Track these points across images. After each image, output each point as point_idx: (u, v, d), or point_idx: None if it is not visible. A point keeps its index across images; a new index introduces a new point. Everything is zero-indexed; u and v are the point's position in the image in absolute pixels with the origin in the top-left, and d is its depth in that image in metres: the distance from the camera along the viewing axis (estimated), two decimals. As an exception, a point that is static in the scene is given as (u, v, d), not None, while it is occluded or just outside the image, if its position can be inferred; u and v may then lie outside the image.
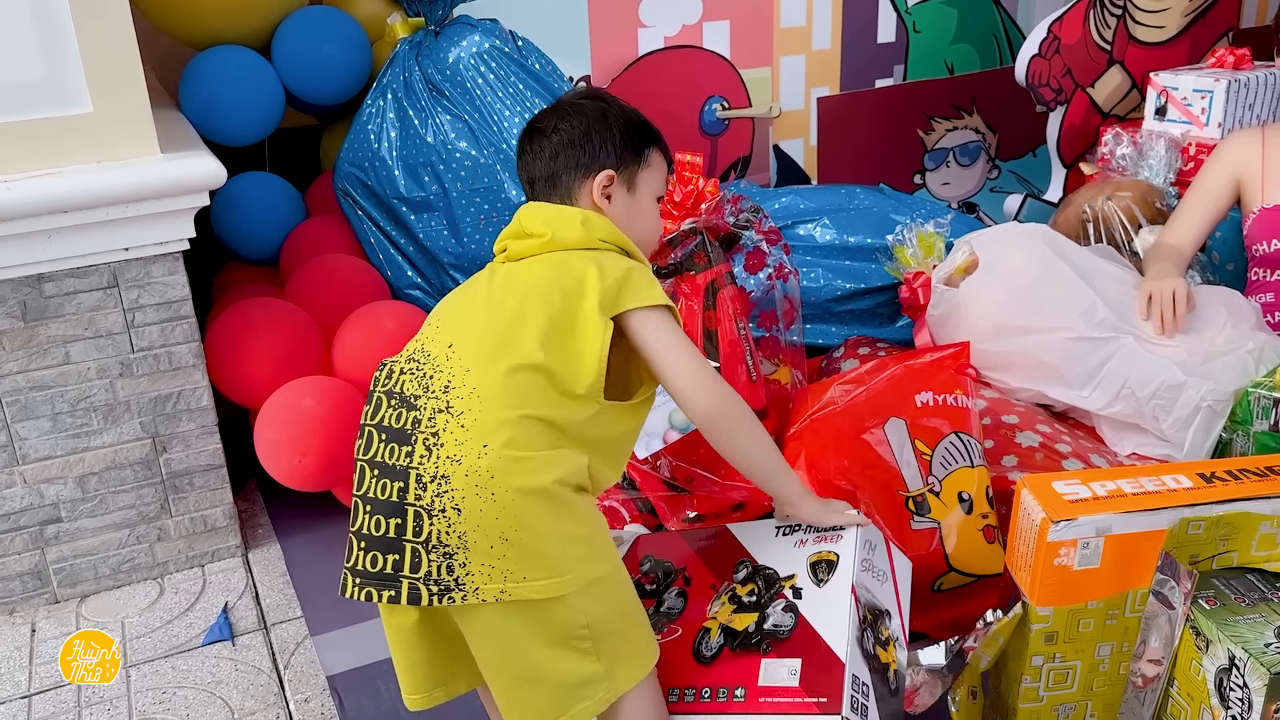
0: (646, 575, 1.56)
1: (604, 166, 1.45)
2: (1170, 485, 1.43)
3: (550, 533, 1.28)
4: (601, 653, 1.31)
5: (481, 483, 1.25)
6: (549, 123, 1.48)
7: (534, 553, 1.26)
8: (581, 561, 1.29)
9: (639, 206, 1.49)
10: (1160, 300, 2.12)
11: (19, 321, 1.96)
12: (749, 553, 1.54)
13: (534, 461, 1.27)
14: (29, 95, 1.88)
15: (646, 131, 1.50)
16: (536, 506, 1.27)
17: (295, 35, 2.50)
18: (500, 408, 1.28)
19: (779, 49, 3.11)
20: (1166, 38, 3.08)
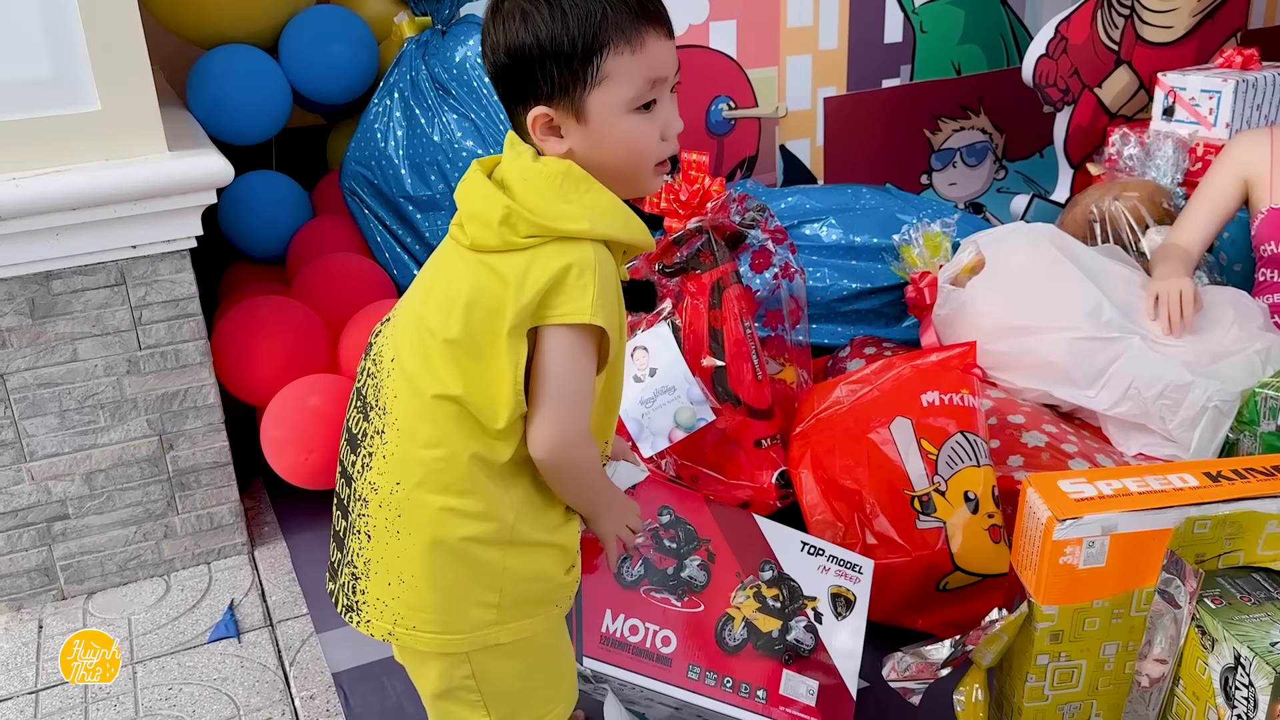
0: (666, 529, 1.49)
1: (536, 100, 1.16)
2: (1176, 484, 1.42)
3: (449, 590, 1.20)
4: (493, 710, 1.27)
5: (390, 519, 1.20)
6: (483, 33, 1.20)
7: (427, 605, 1.20)
8: (480, 626, 1.22)
9: (601, 133, 1.16)
10: (1167, 300, 2.12)
11: (27, 319, 1.96)
12: (774, 554, 1.54)
13: (444, 511, 1.18)
14: (37, 93, 1.88)
15: (589, 34, 1.12)
16: (440, 561, 1.19)
17: (302, 34, 2.51)
18: (416, 444, 1.18)
19: (785, 49, 3.11)
20: (1174, 38, 3.08)
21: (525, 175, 1.16)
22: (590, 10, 1.11)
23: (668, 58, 1.16)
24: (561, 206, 1.14)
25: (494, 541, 1.20)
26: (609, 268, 1.16)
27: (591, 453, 1.24)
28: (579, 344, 1.15)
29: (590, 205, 1.15)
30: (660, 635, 1.43)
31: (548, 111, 1.16)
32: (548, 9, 1.12)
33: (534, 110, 1.16)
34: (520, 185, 1.16)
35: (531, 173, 1.16)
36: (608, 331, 1.15)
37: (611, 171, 1.18)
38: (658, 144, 1.18)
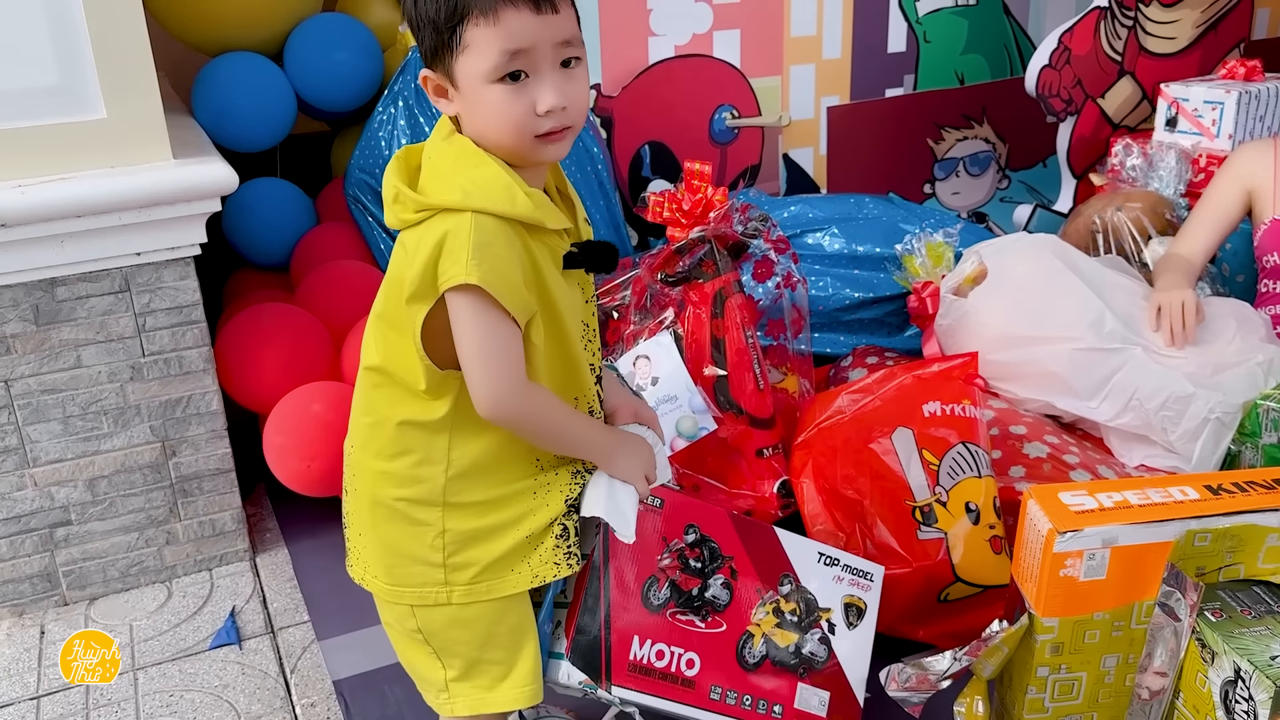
0: (692, 548, 1.49)
1: (426, 64, 1.22)
2: (1177, 497, 1.42)
3: (390, 545, 1.31)
4: (446, 664, 1.35)
5: (350, 478, 1.35)
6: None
7: (376, 557, 1.32)
8: (427, 584, 1.30)
9: (470, 100, 1.18)
10: (1169, 312, 2.12)
11: (31, 325, 1.97)
12: (793, 567, 1.56)
13: (378, 474, 1.29)
14: (44, 101, 1.89)
15: (450, 4, 1.15)
16: (380, 518, 1.31)
17: (308, 42, 2.52)
18: (357, 411, 1.32)
19: (789, 58, 3.11)
20: (1177, 49, 3.08)
21: (431, 154, 1.24)
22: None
23: (531, 31, 1.15)
24: (447, 181, 1.19)
25: (427, 502, 1.27)
26: (491, 233, 1.17)
27: (537, 404, 1.25)
28: (473, 305, 1.17)
29: (470, 180, 1.18)
30: (685, 659, 1.45)
31: (430, 75, 1.21)
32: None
33: (422, 71, 1.22)
34: (426, 164, 1.24)
35: (436, 152, 1.23)
36: (487, 289, 1.16)
37: (492, 140, 1.21)
38: (530, 117, 1.18)
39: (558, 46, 1.17)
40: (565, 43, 1.18)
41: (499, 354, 1.20)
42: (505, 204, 1.17)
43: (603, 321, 2.20)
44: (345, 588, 2.11)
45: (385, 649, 1.92)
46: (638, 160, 2.98)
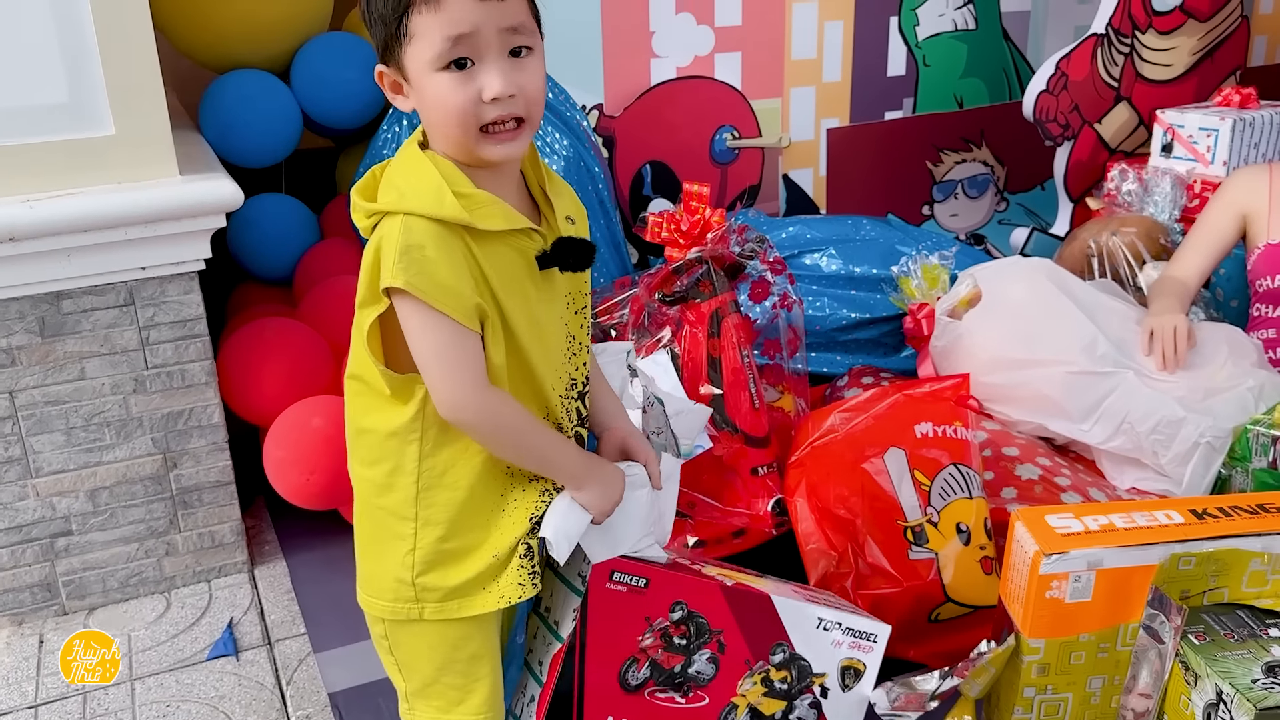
0: (676, 625, 1.46)
1: (380, 60, 1.21)
2: (1162, 521, 1.45)
3: (370, 553, 1.33)
4: (406, 677, 1.38)
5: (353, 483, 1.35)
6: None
7: (360, 562, 1.35)
8: (399, 599, 1.30)
9: (420, 92, 1.18)
10: (1161, 336, 2.14)
11: (36, 337, 2.00)
12: (788, 635, 1.51)
13: (362, 480, 1.31)
14: (54, 117, 1.93)
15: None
16: (364, 524, 1.34)
17: (315, 60, 2.56)
18: (346, 419, 1.33)
19: (790, 80, 3.15)
20: (1174, 76, 3.11)
21: (394, 160, 1.24)
22: None
23: (473, 16, 1.14)
24: (389, 185, 1.20)
25: (401, 514, 1.27)
26: (420, 234, 1.15)
27: (496, 408, 1.22)
28: (414, 307, 1.17)
29: (405, 182, 1.19)
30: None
31: (385, 70, 1.21)
32: None
33: (377, 67, 1.22)
34: (383, 173, 1.24)
35: (394, 159, 1.24)
36: (411, 292, 1.15)
37: (442, 134, 1.20)
38: (476, 105, 1.16)
39: (504, 33, 1.15)
40: (512, 29, 1.16)
41: (450, 354, 1.18)
42: (433, 206, 1.15)
43: (600, 339, 2.22)
44: (342, 601, 2.14)
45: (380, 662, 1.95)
46: (639, 179, 3.01)
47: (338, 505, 2.26)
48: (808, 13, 3.10)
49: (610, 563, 1.37)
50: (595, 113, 2.91)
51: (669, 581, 1.42)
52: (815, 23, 3.12)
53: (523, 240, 1.23)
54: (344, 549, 2.30)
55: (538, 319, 1.26)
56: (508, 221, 1.20)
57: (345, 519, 2.34)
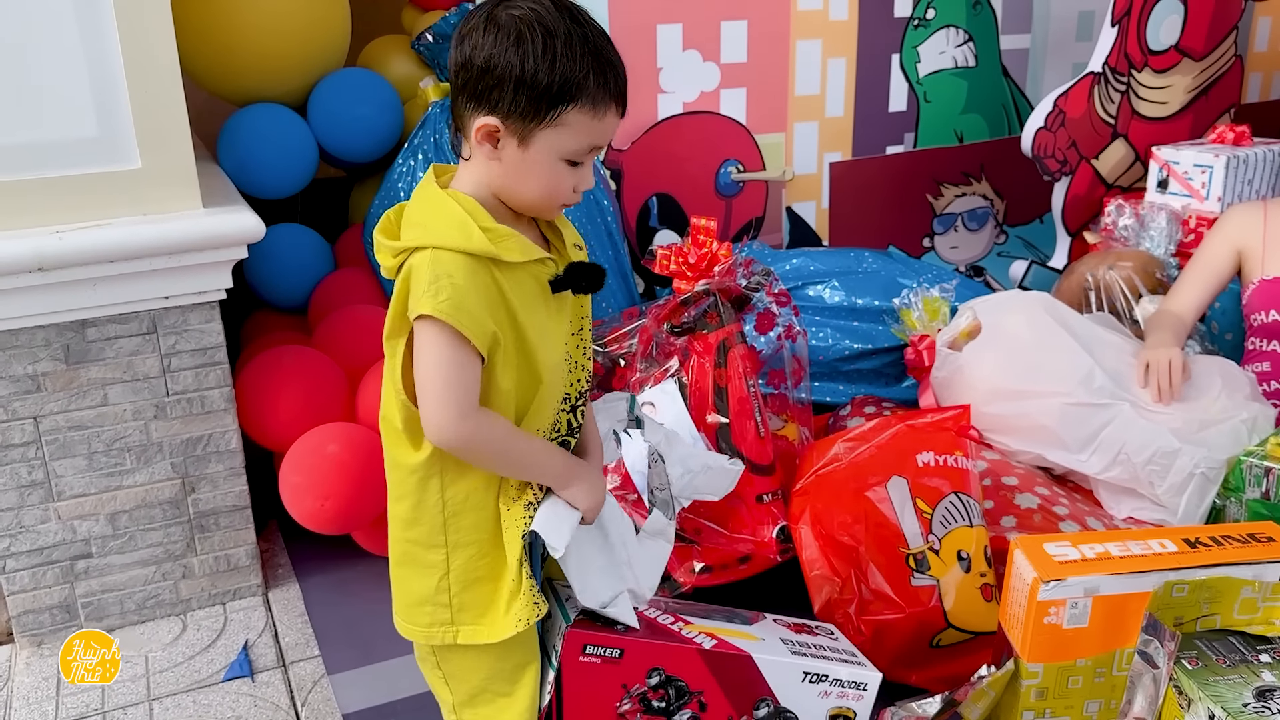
0: (654, 690, 1.48)
1: (493, 110, 1.23)
2: (1156, 549, 1.49)
3: (405, 587, 1.38)
4: (453, 690, 1.43)
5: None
6: (466, 25, 1.25)
7: (396, 596, 1.41)
8: (435, 624, 1.37)
9: (532, 164, 1.26)
10: (1157, 369, 2.19)
11: (61, 364, 2.05)
12: (773, 691, 1.54)
13: (393, 514, 1.36)
14: (83, 151, 1.99)
15: (568, 84, 1.21)
16: (397, 558, 1.38)
17: (331, 96, 2.63)
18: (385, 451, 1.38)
19: (793, 116, 3.22)
20: (1169, 113, 3.18)
21: (409, 206, 1.30)
22: (578, 67, 1.21)
23: (611, 132, 1.28)
24: (414, 224, 1.27)
25: (431, 544, 1.33)
26: (448, 264, 1.22)
27: (484, 429, 1.28)
28: (433, 334, 1.23)
29: (431, 219, 1.25)
30: None
31: (498, 126, 1.24)
32: (542, 46, 1.20)
33: (485, 118, 1.24)
34: (405, 217, 1.30)
35: (415, 198, 1.30)
36: (443, 319, 1.21)
37: (521, 197, 1.29)
38: (567, 193, 1.29)
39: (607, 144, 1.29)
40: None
41: (451, 381, 1.24)
42: (461, 239, 1.23)
43: (609, 368, 2.28)
44: (355, 624, 2.19)
45: (394, 683, 1.99)
46: (645, 211, 3.07)
47: (351, 530, 2.31)
48: (811, 50, 3.17)
49: (582, 636, 1.40)
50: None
51: (644, 650, 1.45)
52: (819, 60, 3.19)
53: (538, 267, 1.31)
54: (356, 572, 2.36)
55: (549, 339, 1.33)
56: (526, 253, 1.28)
57: (358, 544, 2.38)
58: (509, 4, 1.22)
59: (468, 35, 1.23)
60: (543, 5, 1.22)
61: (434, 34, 2.63)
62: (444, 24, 2.61)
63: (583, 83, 1.22)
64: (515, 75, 1.20)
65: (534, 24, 1.20)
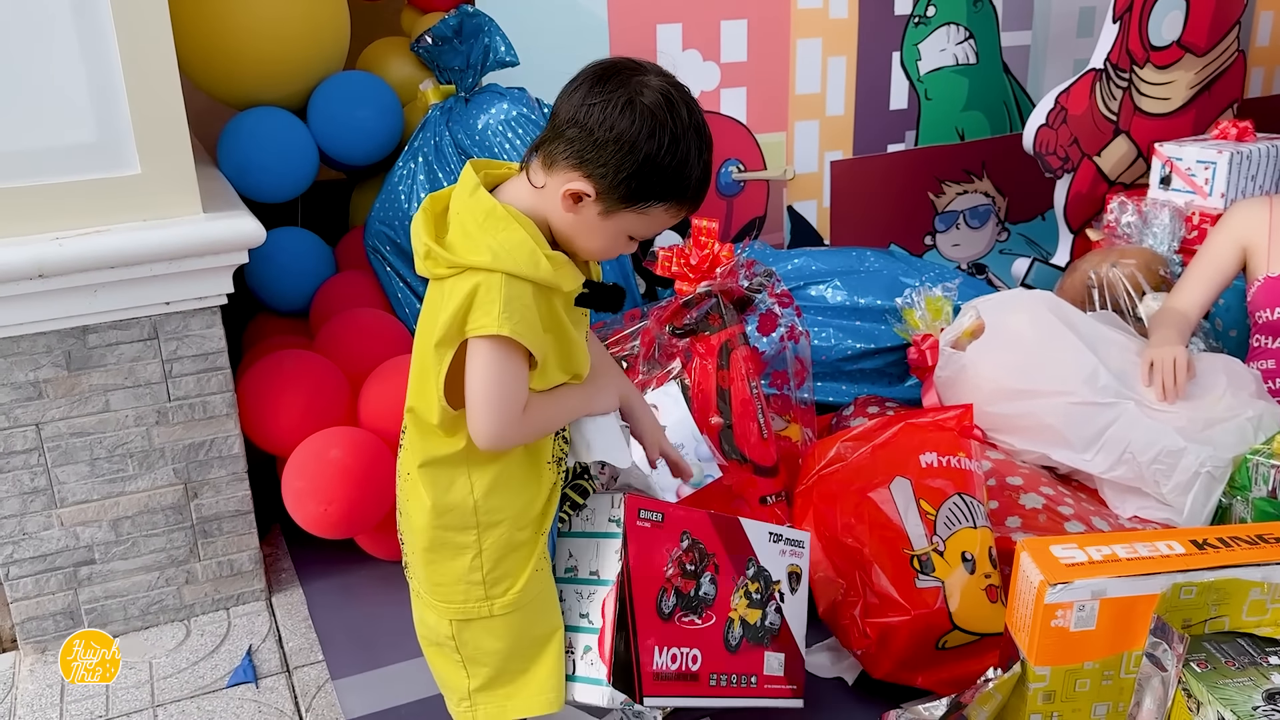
0: (686, 553, 1.60)
1: (591, 177, 1.29)
2: (1164, 551, 1.49)
3: (436, 567, 1.43)
4: (471, 674, 1.47)
5: (404, 500, 1.47)
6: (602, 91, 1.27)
7: (425, 575, 1.45)
8: (470, 600, 1.43)
9: (603, 232, 1.34)
10: (1161, 368, 2.18)
11: (63, 370, 2.05)
12: (754, 550, 1.71)
13: (422, 503, 1.41)
14: (83, 157, 1.98)
15: (665, 186, 1.29)
16: (425, 543, 1.43)
17: (331, 99, 2.62)
18: (405, 443, 1.46)
19: (794, 114, 3.21)
20: (1172, 109, 3.17)
21: (459, 210, 1.34)
22: (687, 176, 1.30)
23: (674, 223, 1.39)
24: (476, 240, 1.30)
25: (463, 526, 1.40)
26: (518, 288, 1.29)
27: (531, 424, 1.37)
28: (493, 353, 1.30)
29: (499, 243, 1.29)
30: (690, 655, 1.58)
31: (591, 194, 1.30)
32: (668, 146, 1.26)
33: (580, 183, 1.30)
34: (454, 220, 1.34)
35: (464, 208, 1.33)
36: (517, 340, 1.29)
37: (576, 246, 1.37)
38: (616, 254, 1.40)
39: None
40: None
41: (508, 396, 1.32)
42: (530, 269, 1.29)
43: (613, 372, 2.27)
44: (359, 628, 2.18)
45: (398, 688, 1.99)
46: (646, 211, 3.07)
47: (354, 534, 2.30)
48: (812, 49, 3.17)
49: (636, 501, 1.52)
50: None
51: (676, 514, 1.59)
52: (819, 58, 3.19)
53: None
54: (359, 577, 2.36)
55: (579, 346, 1.44)
56: (576, 281, 1.36)
57: (361, 548, 2.38)
58: (646, 81, 1.27)
59: (600, 104, 1.26)
60: (678, 93, 1.28)
61: (433, 36, 2.63)
62: (443, 26, 2.60)
63: (683, 190, 1.31)
64: (632, 165, 1.27)
65: (667, 118, 1.26)
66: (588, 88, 1.28)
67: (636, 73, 1.28)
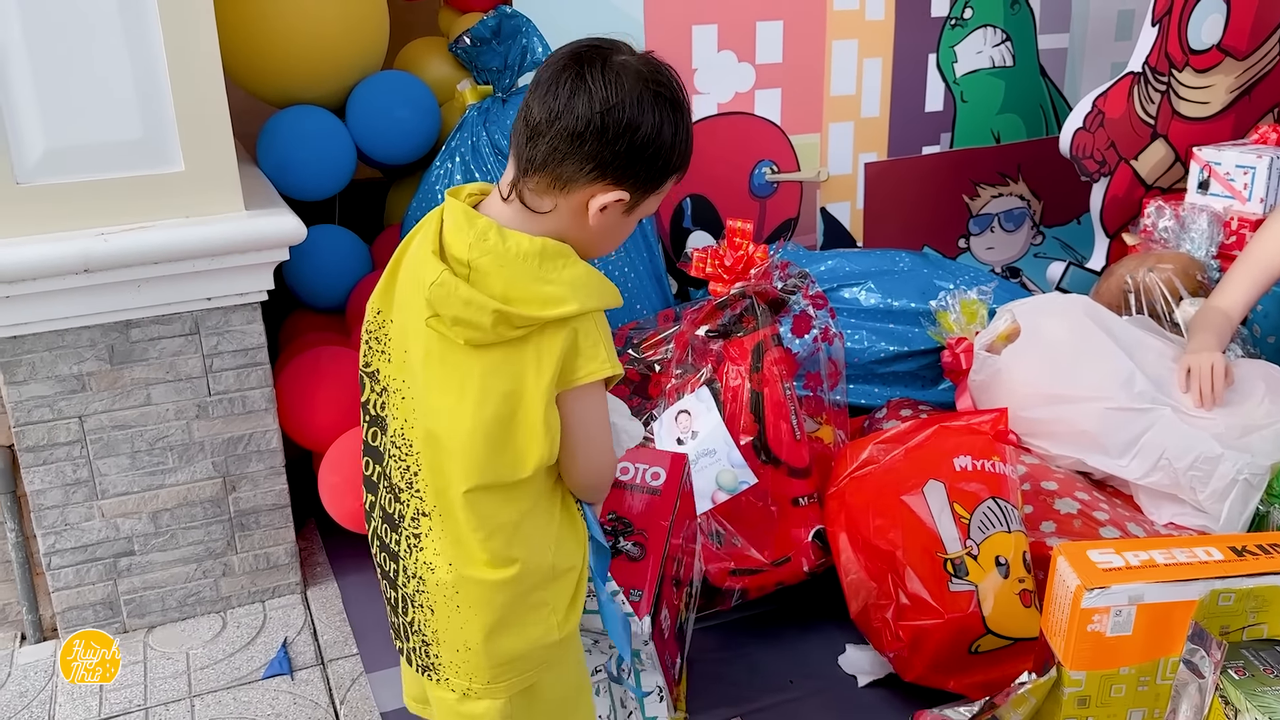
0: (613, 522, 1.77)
1: (621, 183, 1.21)
2: (1202, 557, 1.48)
3: (507, 640, 1.31)
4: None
5: (448, 595, 1.30)
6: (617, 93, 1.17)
7: (485, 667, 1.32)
8: (542, 660, 1.35)
9: (626, 227, 1.28)
10: (1199, 374, 2.16)
11: (106, 364, 2.08)
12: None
13: (494, 584, 1.28)
14: (128, 154, 2.02)
15: (679, 158, 1.25)
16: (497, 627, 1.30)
17: (370, 98, 2.64)
18: (459, 528, 1.27)
19: (829, 116, 3.21)
20: (1211, 113, 3.14)
21: (501, 260, 1.19)
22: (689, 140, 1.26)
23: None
24: (544, 289, 1.19)
25: (543, 584, 1.32)
26: (604, 322, 1.26)
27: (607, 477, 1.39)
28: (599, 393, 1.28)
29: (571, 282, 1.20)
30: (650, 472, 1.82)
31: (628, 197, 1.22)
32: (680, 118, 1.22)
33: (614, 194, 1.21)
34: (498, 273, 1.19)
35: (506, 257, 1.19)
36: (617, 376, 1.26)
37: (597, 252, 1.30)
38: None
39: None
40: None
41: (607, 436, 1.32)
42: (603, 295, 1.24)
43: (644, 375, 2.28)
44: (393, 623, 2.20)
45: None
46: (679, 212, 3.07)
47: (388, 529, 2.32)
48: (848, 50, 3.16)
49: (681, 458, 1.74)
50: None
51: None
52: (855, 60, 3.18)
53: None
54: (393, 572, 2.38)
55: None
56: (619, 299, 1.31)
57: (395, 543, 2.40)
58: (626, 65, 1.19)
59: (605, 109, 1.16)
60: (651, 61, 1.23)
61: (472, 37, 2.64)
62: (481, 27, 2.61)
63: (689, 152, 1.26)
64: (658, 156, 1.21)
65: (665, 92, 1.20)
66: (571, 91, 1.17)
67: (609, 58, 1.19)
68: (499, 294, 1.18)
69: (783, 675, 2.07)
